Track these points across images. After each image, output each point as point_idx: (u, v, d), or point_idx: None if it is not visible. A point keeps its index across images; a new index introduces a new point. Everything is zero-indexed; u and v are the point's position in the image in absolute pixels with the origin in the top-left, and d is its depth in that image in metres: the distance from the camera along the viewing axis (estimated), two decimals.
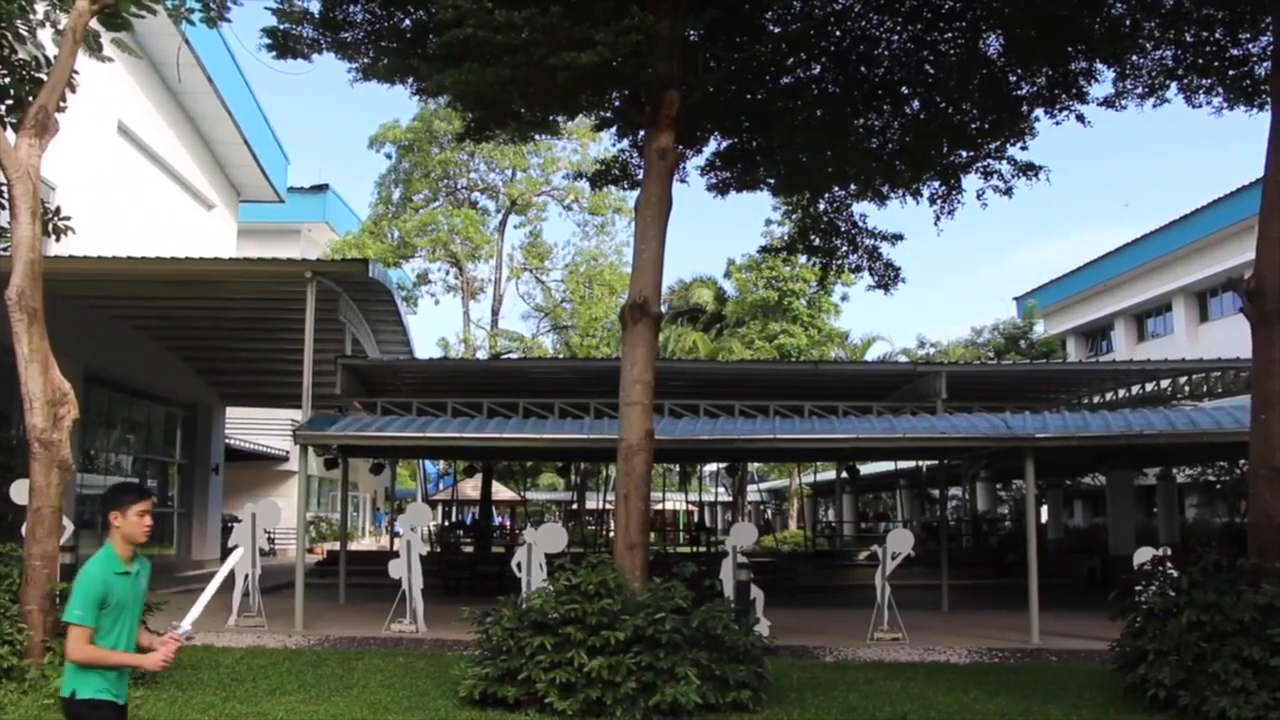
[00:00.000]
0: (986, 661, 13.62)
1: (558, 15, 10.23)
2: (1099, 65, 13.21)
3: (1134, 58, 13.02)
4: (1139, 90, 13.33)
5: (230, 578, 15.71)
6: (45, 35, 13.08)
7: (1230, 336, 26.01)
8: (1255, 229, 11.71)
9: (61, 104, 11.48)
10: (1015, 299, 46.32)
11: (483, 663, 10.05)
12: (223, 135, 27.93)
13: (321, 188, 40.33)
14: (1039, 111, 13.82)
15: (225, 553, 21.98)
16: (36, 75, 12.99)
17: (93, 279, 16.88)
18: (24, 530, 10.81)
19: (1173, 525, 26.80)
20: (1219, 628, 9.81)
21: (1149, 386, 22.15)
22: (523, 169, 41.39)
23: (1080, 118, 13.70)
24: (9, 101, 12.93)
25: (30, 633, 10.13)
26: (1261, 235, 11.40)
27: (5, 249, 11.27)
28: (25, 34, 12.88)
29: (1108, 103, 13.46)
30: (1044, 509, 33.39)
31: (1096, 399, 23.21)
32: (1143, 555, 13.34)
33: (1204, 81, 12.88)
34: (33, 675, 9.72)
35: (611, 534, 19.00)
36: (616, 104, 13.60)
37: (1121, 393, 22.70)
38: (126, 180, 23.79)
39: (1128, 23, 12.75)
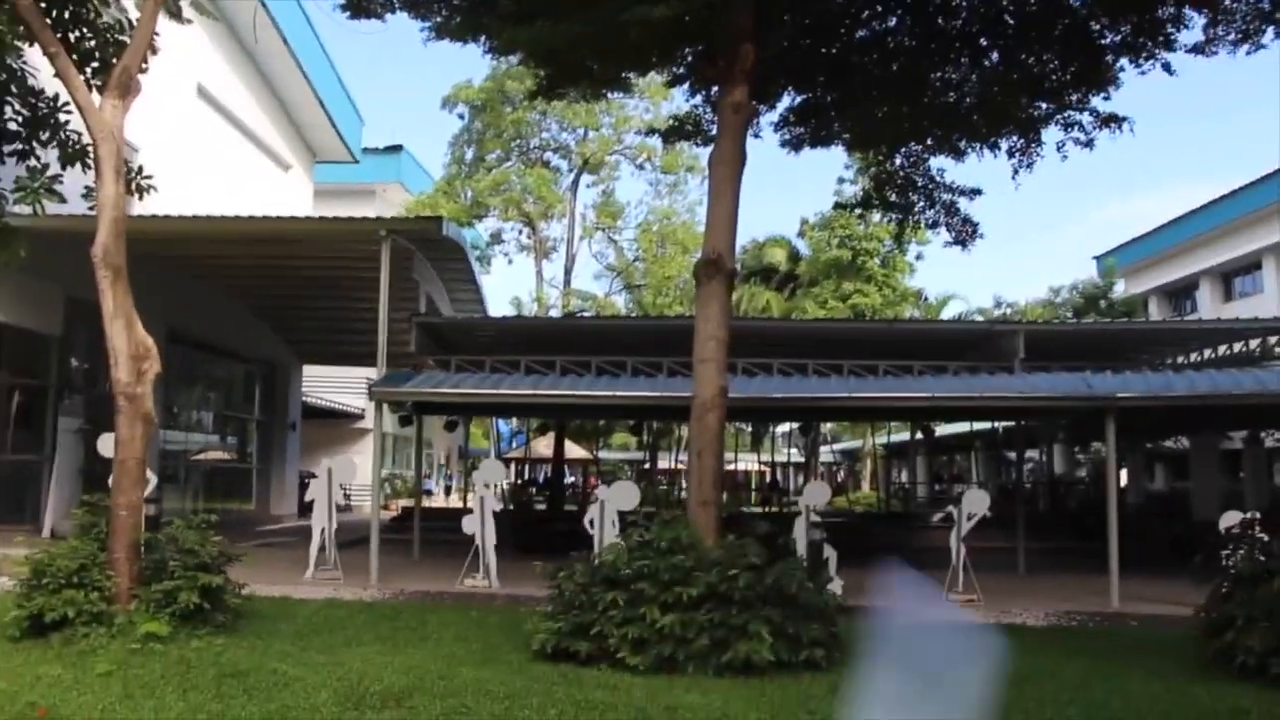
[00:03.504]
0: (1064, 625, 13.41)
1: None
2: (1188, 10, 12.74)
3: (1227, 1, 12.54)
4: (1231, 36, 12.83)
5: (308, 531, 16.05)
6: None
7: None
8: None
9: (143, 66, 11.64)
10: (1095, 258, 45.35)
11: (555, 617, 10.10)
12: (298, 97, 28.24)
13: (396, 148, 40.63)
14: (1123, 61, 13.40)
15: (303, 508, 22.36)
16: (120, 38, 13.17)
17: (174, 238, 17.19)
18: (110, 481, 11.08)
19: (1261, 490, 26.11)
20: None
21: (1237, 347, 21.50)
22: (595, 128, 41.31)
23: (1167, 67, 13.24)
24: (95, 64, 13.14)
25: (117, 579, 10.40)
26: None
27: (91, 208, 11.49)
28: None
29: (1197, 49, 12.98)
30: (1124, 472, 32.80)
31: (1181, 360, 22.61)
32: (1230, 519, 13.01)
33: None
34: (120, 620, 10.00)
35: (684, 493, 19.00)
36: (689, 59, 13.47)
37: (1208, 353, 22.08)
38: (206, 141, 24.17)
39: None
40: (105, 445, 12.93)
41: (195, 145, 23.19)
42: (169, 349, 19.00)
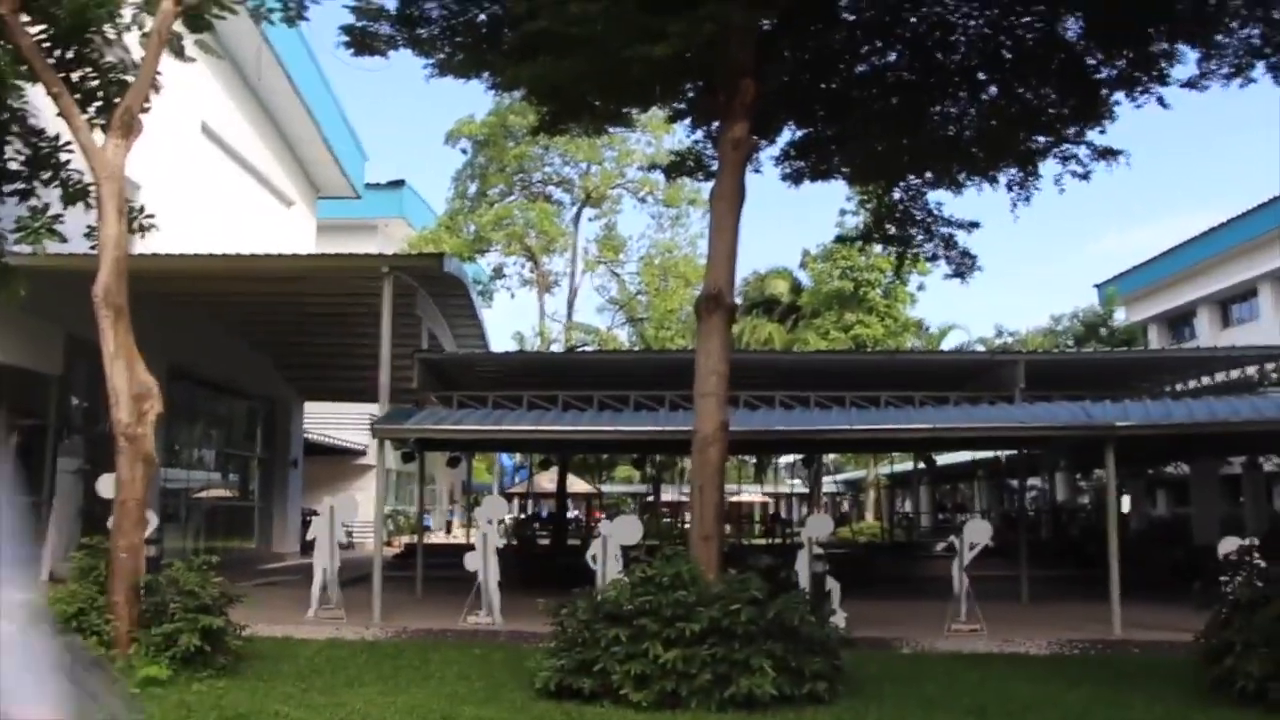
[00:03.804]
0: (1067, 653, 13.41)
1: (631, 7, 10.24)
2: (1181, 46, 12.89)
3: (1219, 37, 12.68)
4: (1223, 70, 12.97)
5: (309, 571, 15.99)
6: (131, 38, 13.38)
7: None
8: None
9: (146, 105, 11.76)
10: (1095, 286, 45.44)
11: (558, 654, 10.09)
12: (302, 133, 28.42)
13: (398, 183, 40.83)
14: (1118, 95, 13.53)
15: (305, 546, 22.33)
16: (123, 78, 13.28)
17: (176, 276, 17.27)
18: (110, 523, 11.07)
19: (1260, 515, 26.08)
20: None
21: (1234, 374, 21.56)
22: (597, 162, 41.47)
23: (1161, 100, 13.38)
24: (97, 103, 13.23)
25: (117, 623, 10.39)
26: None
27: (93, 247, 11.56)
28: (112, 37, 13.18)
29: (1190, 84, 13.12)
30: (1125, 499, 32.73)
31: (1180, 387, 22.65)
32: (1228, 545, 13.02)
33: None
34: (120, 664, 9.96)
35: (687, 526, 19.01)
36: (690, 95, 13.60)
37: (1206, 380, 22.13)
38: (209, 178, 24.30)
39: (1213, 0, 12.44)
40: (105, 486, 12.92)
41: (198, 182, 23.31)
42: (170, 386, 19.01)
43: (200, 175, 23.65)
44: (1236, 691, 9.79)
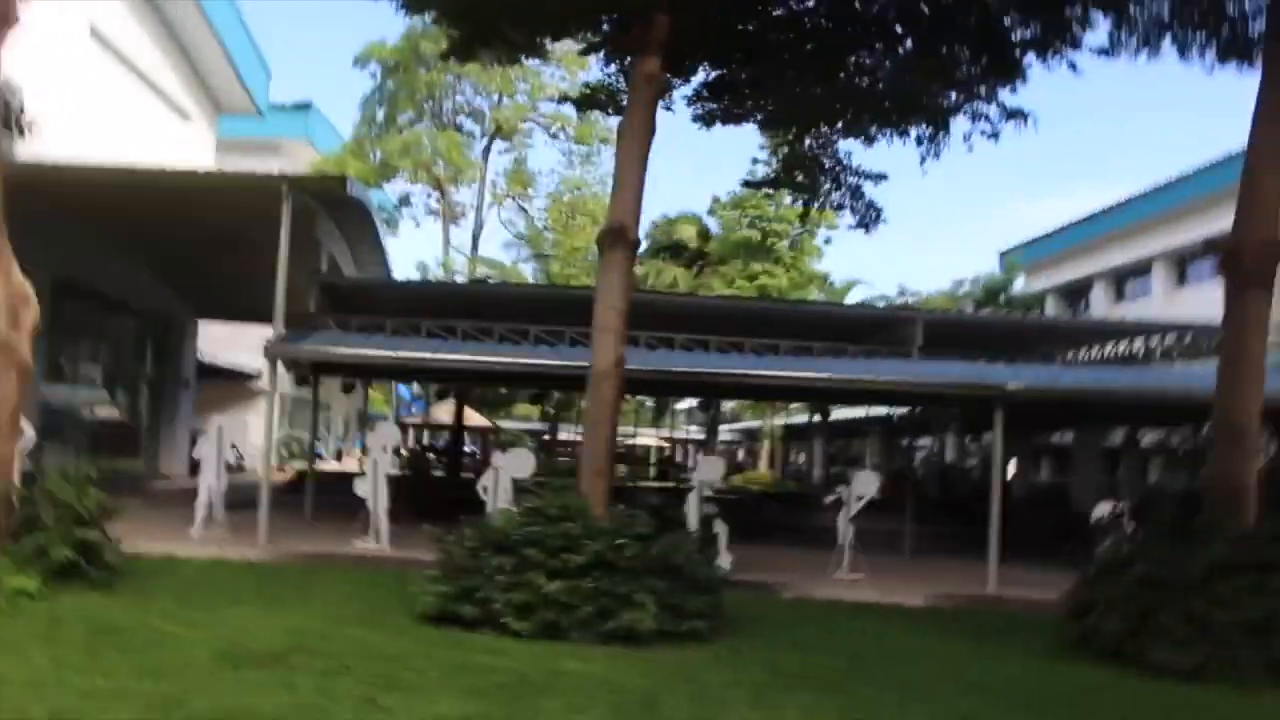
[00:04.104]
0: (943, 606, 13.74)
1: None
2: (1095, 12, 13.05)
3: (1130, 8, 12.86)
4: (1133, 42, 13.19)
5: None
6: None
7: (1208, 301, 26.02)
8: (1236, 195, 11.77)
9: None
10: (1000, 253, 46.28)
11: (442, 581, 10.05)
12: (201, 43, 27.30)
13: (305, 105, 39.73)
14: (1031, 56, 13.68)
15: (193, 467, 21.85)
16: None
17: (63, 187, 16.55)
18: None
19: (1135, 486, 27.06)
20: (1168, 582, 9.95)
21: (1124, 346, 22.16)
22: (510, 94, 40.94)
23: (1073, 65, 13.55)
24: None
25: None
26: (1243, 196, 11.49)
27: None
28: None
29: (1102, 52, 13.32)
30: (1011, 464, 33.63)
31: (1072, 356, 23.24)
32: (1101, 510, 13.46)
33: (1197, 36, 12.75)
34: None
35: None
36: (604, 28, 13.38)
37: (1096, 351, 22.73)
38: (99, 86, 23.28)
39: None
40: None
41: (87, 89, 22.29)
42: (56, 301, 18.37)
43: (89, 82, 22.60)
44: (1097, 647, 10.21)
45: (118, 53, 24.33)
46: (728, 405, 47.90)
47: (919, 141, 14.83)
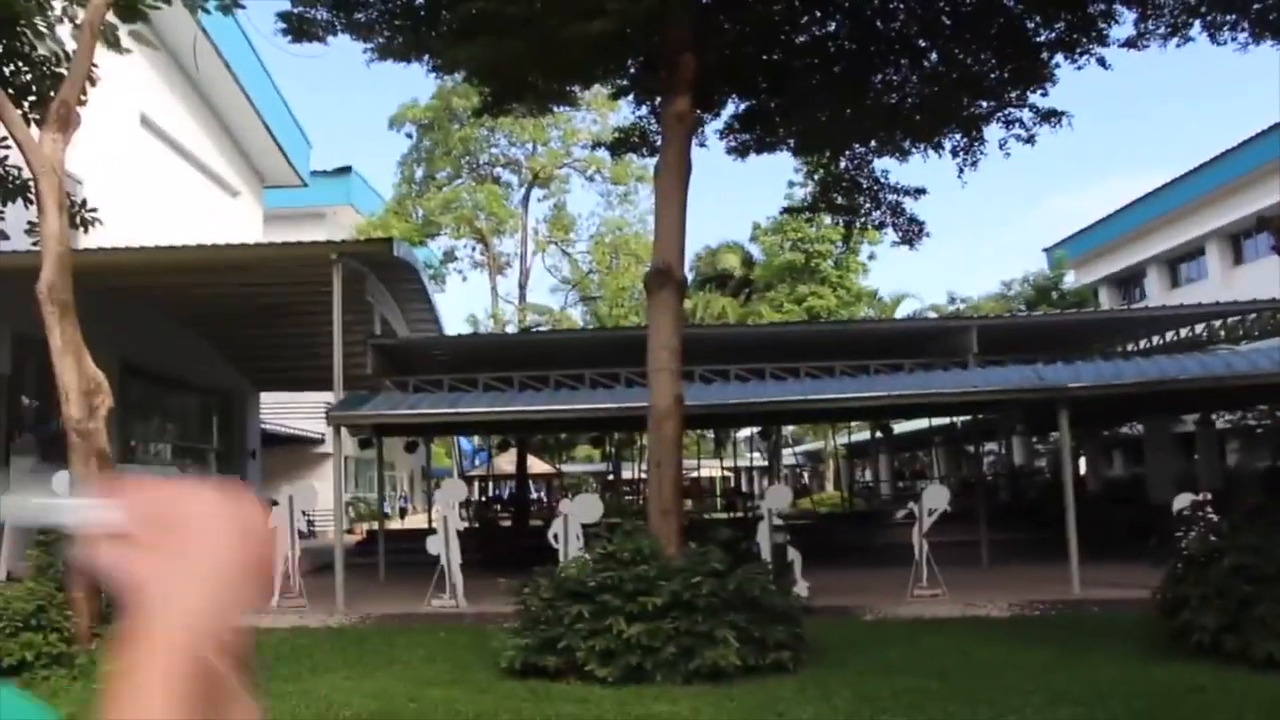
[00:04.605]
0: (1027, 614, 13.58)
1: None
2: (1119, 6, 13.01)
3: None
4: (1161, 30, 13.12)
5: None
6: (64, 31, 13.13)
7: (1266, 278, 25.66)
8: None
9: (82, 98, 11.55)
10: (1044, 250, 45.84)
11: (522, 633, 10.11)
12: (244, 122, 28.04)
13: (345, 170, 40.41)
14: (1059, 57, 13.65)
15: None
16: (57, 70, 13.04)
17: (123, 271, 17.01)
18: None
19: (1213, 471, 26.51)
20: (1262, 571, 9.70)
21: (1184, 332, 21.86)
22: (543, 142, 41.31)
23: (1102, 61, 13.52)
24: (32, 98, 12.99)
25: (77, 620, 10.29)
26: None
27: (35, 244, 11.37)
28: (44, 30, 12.93)
29: (1129, 44, 13.26)
30: (1082, 461, 33.15)
31: (1131, 347, 22.94)
32: (1182, 501, 13.22)
33: (1228, 17, 12.66)
34: (82, 661, 9.90)
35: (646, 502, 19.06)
36: (632, 71, 13.56)
37: (1156, 339, 22.43)
38: (152, 171, 23.93)
39: None
40: (59, 484, 12.77)
41: (141, 175, 22.94)
42: (123, 381, 18.80)
43: (143, 168, 23.28)
44: (1193, 644, 9.95)
45: (167, 138, 25.01)
46: (789, 429, 47.71)
47: (954, 153, 14.83)
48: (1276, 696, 8.69)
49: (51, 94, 12.22)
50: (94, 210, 13.55)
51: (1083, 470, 32.87)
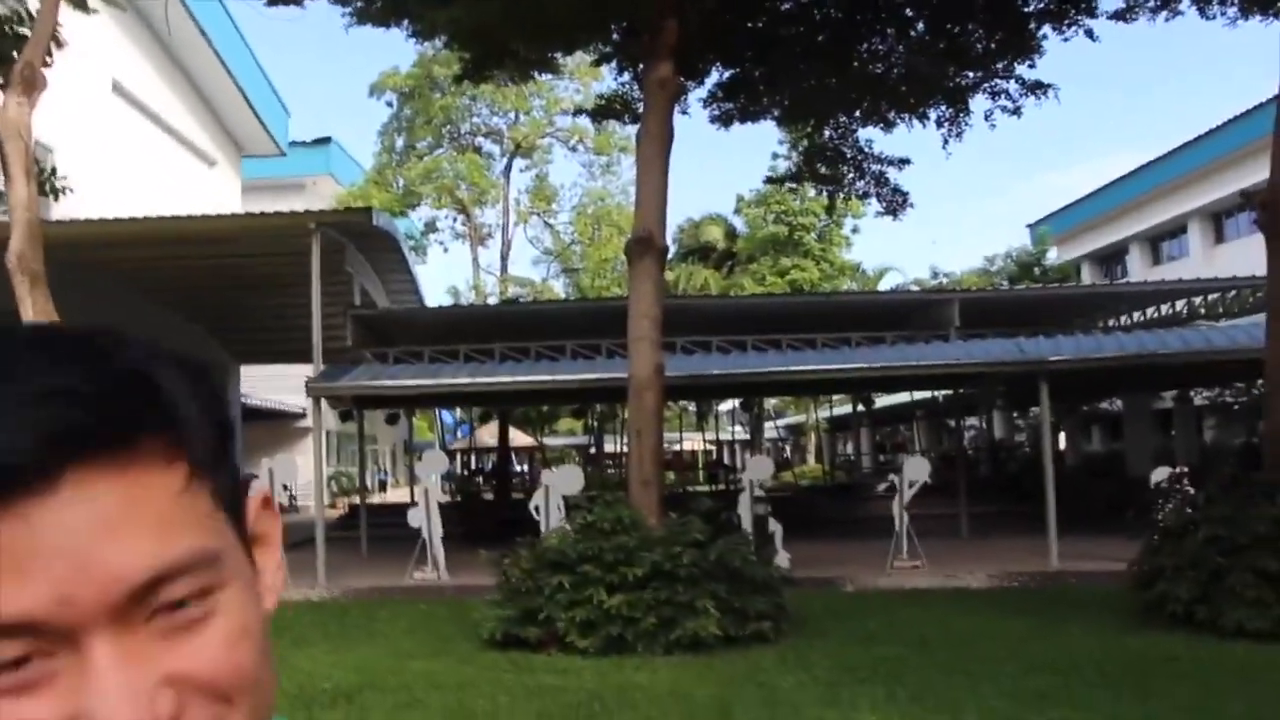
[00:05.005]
0: (1006, 586, 13.63)
1: None
2: None
3: None
4: (1150, 3, 13.03)
5: None
6: None
7: (1247, 257, 25.68)
8: (1270, 147, 11.54)
9: (48, 60, 11.28)
10: (1028, 226, 45.84)
11: (503, 605, 10.07)
12: (220, 90, 27.67)
13: (324, 140, 40.05)
14: (1046, 28, 13.54)
15: None
16: (20, 31, 12.74)
17: (96, 243, 16.78)
18: None
19: (1191, 447, 26.64)
20: (1235, 542, 9.77)
21: (1165, 309, 21.90)
22: (525, 111, 41.07)
23: (1090, 33, 13.42)
24: None
25: None
26: (1277, 148, 11.26)
27: (2, 212, 11.15)
28: None
29: (1118, 16, 13.16)
30: (1061, 435, 33.24)
31: (1113, 323, 22.97)
32: (1160, 474, 13.26)
33: None
34: None
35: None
36: (614, 37, 13.40)
37: (1137, 315, 22.47)
38: (125, 139, 23.61)
39: None
40: None
41: (114, 144, 22.62)
42: None
43: (115, 136, 22.95)
44: (1167, 614, 10.04)
45: (141, 105, 24.66)
46: (771, 402, 47.76)
47: (939, 124, 14.74)
48: (1244, 663, 8.77)
49: (15, 55, 11.96)
50: (64, 178, 13.30)
51: (1062, 445, 32.96)
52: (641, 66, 13.00)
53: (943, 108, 14.70)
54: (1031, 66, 14.05)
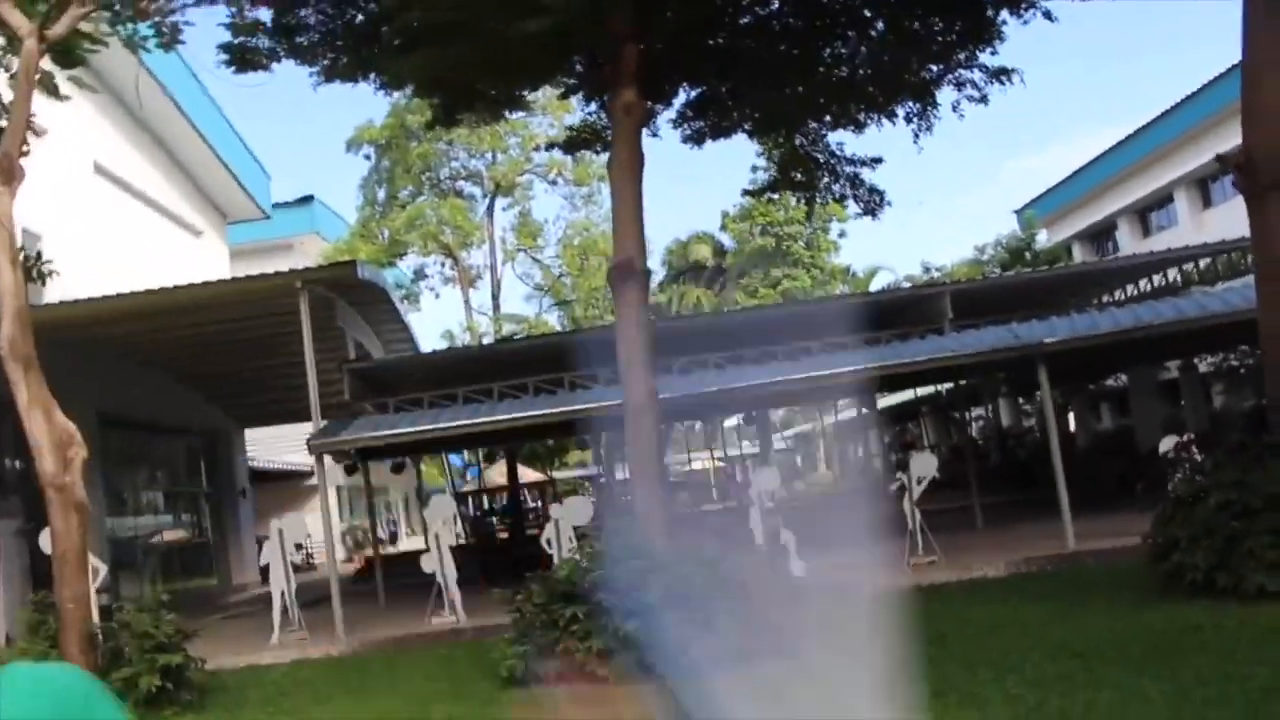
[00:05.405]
0: (1024, 572, 13.59)
1: None
2: None
3: None
4: None
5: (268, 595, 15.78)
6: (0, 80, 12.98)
7: (1236, 219, 25.66)
8: None
9: (25, 149, 11.39)
10: (1014, 212, 45.89)
11: (519, 641, 10.05)
12: (199, 159, 27.83)
13: (307, 199, 40.26)
14: (1004, 13, 13.61)
15: (264, 573, 22.07)
16: None
17: (89, 321, 16.85)
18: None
19: (1200, 414, 26.54)
20: (1249, 505, 9.72)
21: (1158, 279, 21.89)
22: (502, 150, 41.27)
23: (1048, 15, 13.49)
24: None
25: None
26: (1245, 109, 11.32)
27: None
28: None
29: None
30: (1070, 416, 33.18)
31: (1107, 299, 22.95)
32: (1167, 444, 13.25)
33: None
34: None
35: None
36: (578, 69, 13.49)
37: (1131, 289, 22.47)
38: (112, 218, 23.73)
39: None
40: (45, 541, 12.61)
41: (101, 224, 22.74)
42: (103, 432, 18.64)
43: (102, 216, 23.08)
44: (1187, 584, 9.96)
45: (124, 183, 24.83)
46: (776, 414, 47.72)
47: (908, 120, 14.80)
48: (1270, 626, 8.69)
49: None
50: (49, 262, 13.39)
51: (1072, 426, 32.89)
52: (607, 95, 13.09)
53: (910, 104, 14.76)
54: (994, 54, 14.14)
